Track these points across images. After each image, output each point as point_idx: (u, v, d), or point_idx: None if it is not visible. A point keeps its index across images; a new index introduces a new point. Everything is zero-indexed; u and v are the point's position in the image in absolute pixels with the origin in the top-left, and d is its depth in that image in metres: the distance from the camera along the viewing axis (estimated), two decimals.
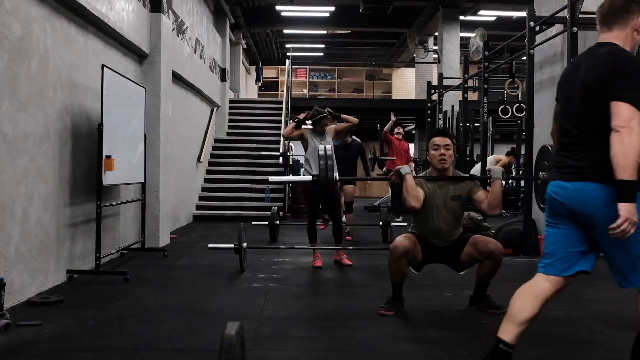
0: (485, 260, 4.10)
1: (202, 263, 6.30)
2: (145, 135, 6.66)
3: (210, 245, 5.97)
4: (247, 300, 4.60)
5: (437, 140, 4.15)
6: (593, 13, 6.62)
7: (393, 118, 10.77)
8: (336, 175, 4.37)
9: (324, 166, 4.30)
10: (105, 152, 5.34)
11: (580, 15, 6.21)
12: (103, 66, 5.30)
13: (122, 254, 6.53)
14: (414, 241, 4.09)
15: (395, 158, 10.70)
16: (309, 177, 4.51)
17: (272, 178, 5.17)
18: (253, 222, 8.59)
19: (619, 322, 4.04)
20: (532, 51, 6.97)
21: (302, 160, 7.68)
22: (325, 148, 4.40)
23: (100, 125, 5.28)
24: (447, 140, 4.12)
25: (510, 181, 13.93)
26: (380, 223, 8.29)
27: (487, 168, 4.17)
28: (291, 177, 10.97)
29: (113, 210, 6.30)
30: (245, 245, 5.82)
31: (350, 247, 6.67)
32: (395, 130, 11.00)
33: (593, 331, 3.80)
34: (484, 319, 4.07)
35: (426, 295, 4.77)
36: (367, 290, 5.09)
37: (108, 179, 5.44)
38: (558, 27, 6.85)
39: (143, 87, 6.67)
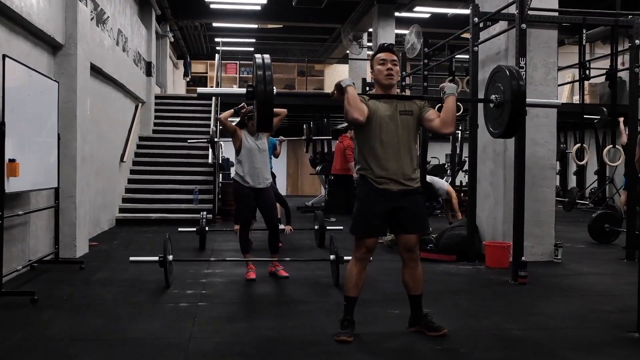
0: (403, 259, 3.81)
1: (122, 277, 5.67)
2: (59, 135, 5.99)
3: (131, 259, 5.40)
4: (172, 326, 4.05)
5: (384, 55, 3.77)
6: (540, 9, 6.48)
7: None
8: (274, 88, 3.46)
9: (261, 77, 3.43)
10: (7, 156, 4.67)
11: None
12: (4, 56, 4.63)
13: (33, 267, 5.83)
14: (377, 226, 3.74)
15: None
16: (243, 90, 3.60)
17: (200, 90, 4.32)
18: (179, 229, 7.96)
19: (582, 342, 3.74)
20: (476, 48, 6.67)
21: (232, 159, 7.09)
22: (262, 56, 3.55)
23: (2, 124, 4.61)
24: (394, 57, 3.77)
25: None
26: (316, 227, 7.88)
27: (440, 86, 3.83)
28: (222, 89, 9.86)
29: (21, 219, 5.60)
30: (171, 257, 5.27)
31: (287, 259, 6.19)
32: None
33: (557, 356, 3.47)
34: (440, 343, 3.65)
35: (373, 313, 4.32)
36: (308, 308, 4.62)
37: (12, 185, 4.78)
38: (502, 25, 6.59)
39: (56, 81, 5.99)
